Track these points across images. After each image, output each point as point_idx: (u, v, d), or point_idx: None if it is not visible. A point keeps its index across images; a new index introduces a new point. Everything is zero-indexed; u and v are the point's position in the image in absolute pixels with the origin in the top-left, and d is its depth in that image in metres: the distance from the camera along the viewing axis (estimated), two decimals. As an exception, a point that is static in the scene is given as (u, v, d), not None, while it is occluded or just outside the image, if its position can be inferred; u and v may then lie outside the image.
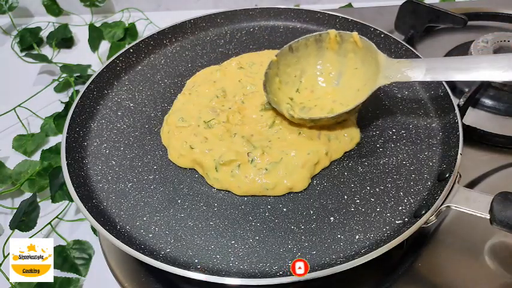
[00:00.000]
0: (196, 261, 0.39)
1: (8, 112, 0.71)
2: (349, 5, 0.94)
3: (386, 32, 0.61)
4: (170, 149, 0.49)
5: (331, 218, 0.42)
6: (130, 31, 0.90)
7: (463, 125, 0.47)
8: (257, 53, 0.62)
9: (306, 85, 0.52)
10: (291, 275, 0.36)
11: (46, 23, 0.94)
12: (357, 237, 0.40)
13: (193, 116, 0.50)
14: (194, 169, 0.47)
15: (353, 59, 0.51)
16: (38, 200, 0.57)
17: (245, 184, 0.44)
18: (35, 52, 0.85)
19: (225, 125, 0.49)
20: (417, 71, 0.43)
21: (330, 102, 0.50)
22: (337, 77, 0.51)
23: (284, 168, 0.44)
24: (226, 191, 0.45)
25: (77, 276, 0.52)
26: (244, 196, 0.45)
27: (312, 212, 0.43)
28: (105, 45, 0.88)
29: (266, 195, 0.44)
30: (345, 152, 0.48)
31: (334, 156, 0.47)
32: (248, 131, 0.49)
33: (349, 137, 0.48)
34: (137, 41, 0.62)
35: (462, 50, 0.68)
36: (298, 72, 0.52)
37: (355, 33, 0.49)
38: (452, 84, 0.63)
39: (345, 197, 0.44)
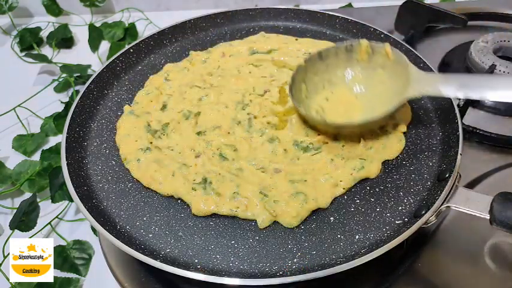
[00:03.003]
0: (196, 261, 0.39)
1: (8, 112, 0.71)
2: (349, 5, 0.94)
3: (386, 32, 0.61)
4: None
5: (331, 218, 0.42)
6: (130, 31, 0.90)
7: (463, 125, 0.47)
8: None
9: (335, 94, 0.51)
10: (291, 275, 0.36)
11: (46, 23, 0.94)
12: (357, 237, 0.40)
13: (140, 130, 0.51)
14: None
15: (381, 74, 0.50)
16: (38, 200, 0.57)
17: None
18: (35, 52, 0.85)
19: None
20: (449, 86, 0.42)
21: (358, 111, 0.49)
22: (365, 88, 0.51)
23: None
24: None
25: (77, 276, 0.52)
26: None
27: (311, 211, 0.43)
28: (105, 45, 0.88)
29: None
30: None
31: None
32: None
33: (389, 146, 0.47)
34: (137, 41, 0.62)
35: (462, 50, 0.68)
36: (325, 82, 0.51)
37: (387, 44, 0.49)
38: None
39: (345, 196, 0.44)
